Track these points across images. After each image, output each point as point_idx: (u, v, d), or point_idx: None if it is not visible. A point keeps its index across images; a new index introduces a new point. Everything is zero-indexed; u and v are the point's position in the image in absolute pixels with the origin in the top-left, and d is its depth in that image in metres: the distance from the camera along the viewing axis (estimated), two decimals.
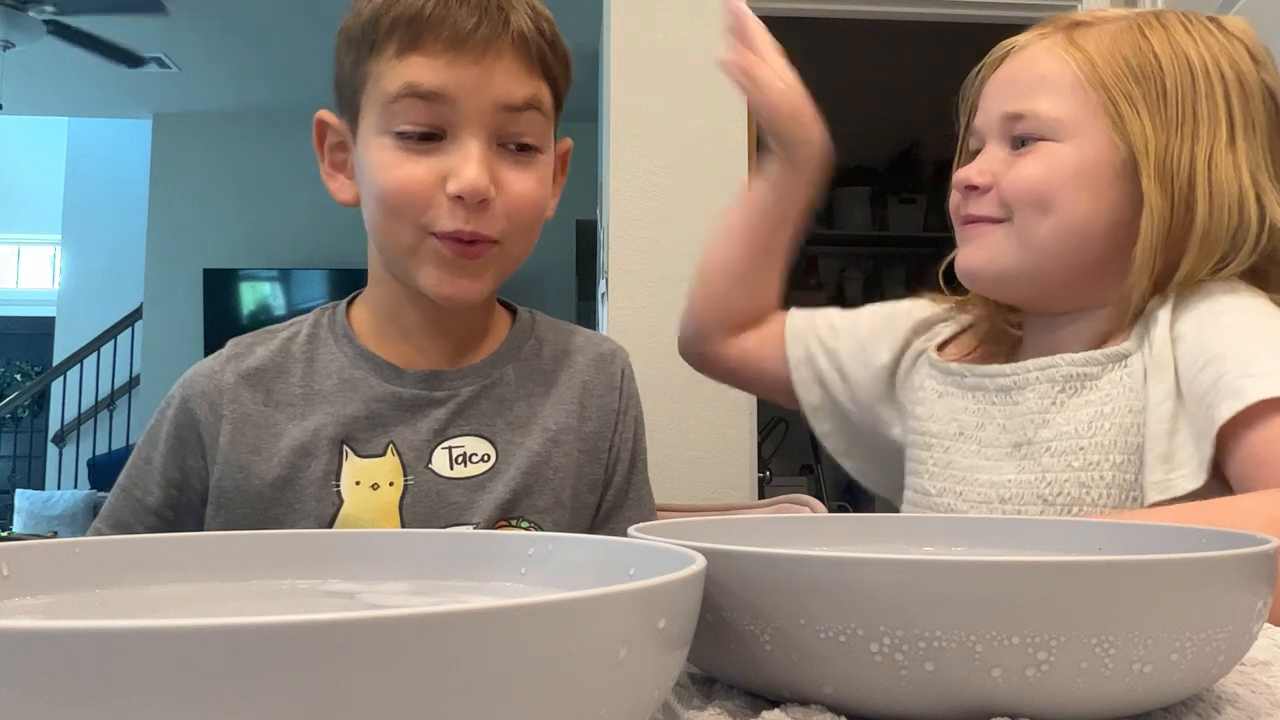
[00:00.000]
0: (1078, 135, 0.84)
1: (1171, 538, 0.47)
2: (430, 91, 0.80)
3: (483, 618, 0.24)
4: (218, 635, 0.22)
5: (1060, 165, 0.84)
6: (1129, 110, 0.83)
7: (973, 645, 0.33)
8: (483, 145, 0.81)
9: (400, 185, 0.81)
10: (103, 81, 5.60)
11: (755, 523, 0.58)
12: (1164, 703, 0.37)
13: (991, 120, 0.89)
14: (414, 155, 0.81)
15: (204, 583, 0.42)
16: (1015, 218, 0.86)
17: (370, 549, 0.45)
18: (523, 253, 0.88)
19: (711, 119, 2.19)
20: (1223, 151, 0.82)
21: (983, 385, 0.90)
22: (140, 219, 6.27)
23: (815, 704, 0.36)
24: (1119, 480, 0.78)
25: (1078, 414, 0.81)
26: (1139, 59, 0.84)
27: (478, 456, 0.87)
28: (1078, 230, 0.84)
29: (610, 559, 0.40)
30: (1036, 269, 0.86)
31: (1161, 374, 0.78)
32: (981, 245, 0.88)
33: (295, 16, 4.76)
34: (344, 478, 0.85)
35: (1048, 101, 0.85)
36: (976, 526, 0.56)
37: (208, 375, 0.88)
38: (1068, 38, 0.87)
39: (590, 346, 0.97)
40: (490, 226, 0.82)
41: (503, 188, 0.82)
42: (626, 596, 0.28)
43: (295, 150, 6.18)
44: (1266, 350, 0.73)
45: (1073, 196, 0.84)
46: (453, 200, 0.80)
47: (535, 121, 0.84)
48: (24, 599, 0.38)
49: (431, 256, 0.82)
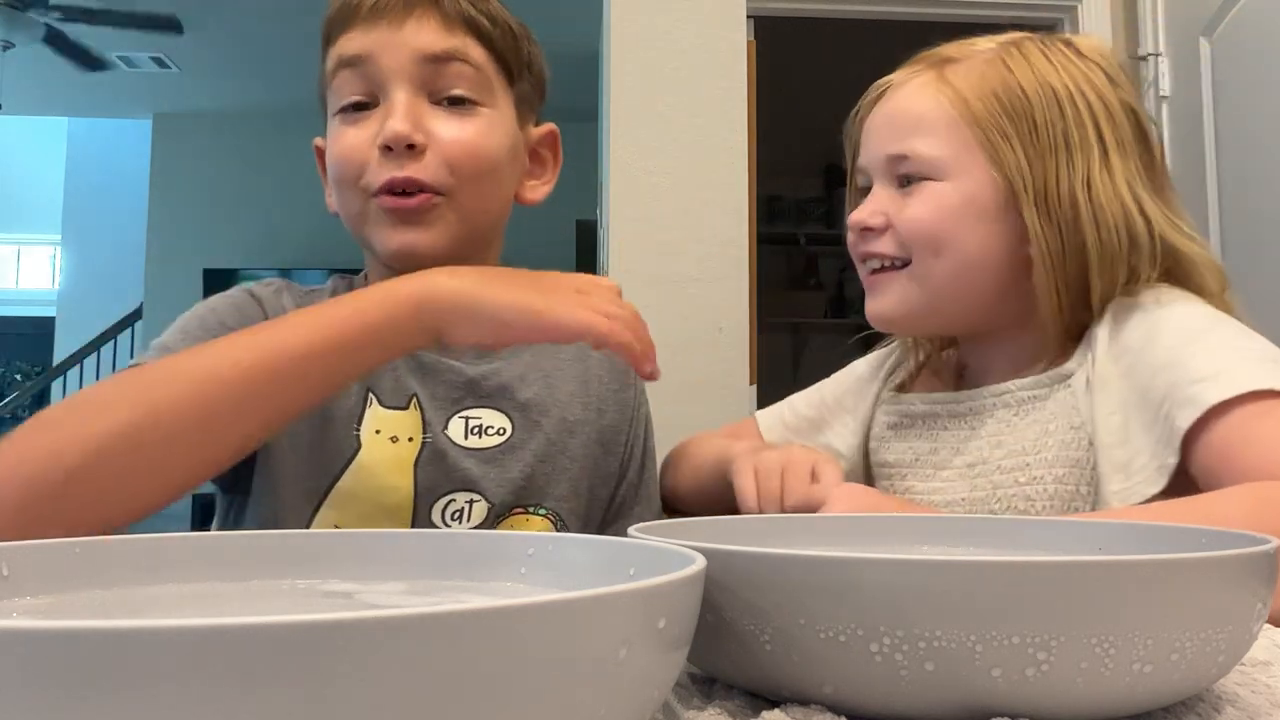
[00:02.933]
0: (959, 173, 0.87)
1: (1171, 538, 0.47)
2: (353, 56, 0.84)
3: (483, 618, 0.24)
4: (218, 635, 0.22)
5: (945, 205, 0.87)
6: (1004, 145, 0.86)
7: (973, 645, 0.33)
8: (407, 97, 0.83)
9: (342, 151, 0.84)
10: (103, 81, 5.60)
11: (755, 523, 0.58)
12: (1164, 703, 0.37)
13: (876, 161, 0.91)
14: (352, 125, 0.85)
15: (204, 583, 0.42)
16: (914, 260, 0.88)
17: (369, 549, 0.45)
18: (479, 210, 0.87)
19: (711, 119, 2.19)
20: (1099, 174, 0.85)
21: (934, 412, 0.93)
22: (140, 219, 6.27)
23: (815, 704, 0.36)
24: (1060, 492, 0.81)
25: (1026, 433, 0.85)
26: (1007, 93, 0.87)
27: (494, 429, 0.87)
28: (973, 265, 0.87)
29: (610, 559, 0.40)
30: (942, 307, 0.89)
31: (1106, 387, 0.81)
32: (887, 293, 0.91)
33: (295, 17, 4.76)
34: (365, 424, 0.85)
35: (926, 142, 0.88)
36: (976, 526, 0.56)
37: (273, 292, 0.89)
38: (939, 75, 0.90)
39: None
40: (425, 173, 0.82)
41: (435, 136, 0.83)
42: (626, 596, 0.28)
43: (295, 150, 6.18)
44: (1213, 353, 0.76)
45: (962, 234, 0.87)
46: (383, 152, 0.82)
47: (464, 74, 0.85)
48: (24, 599, 0.38)
49: (378, 218, 0.84)
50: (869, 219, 0.90)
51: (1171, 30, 2.18)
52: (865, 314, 0.94)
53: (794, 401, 1.08)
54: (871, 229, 0.90)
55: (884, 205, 0.90)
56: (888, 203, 0.90)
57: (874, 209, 0.91)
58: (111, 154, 6.74)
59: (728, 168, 2.18)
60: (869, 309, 0.93)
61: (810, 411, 1.05)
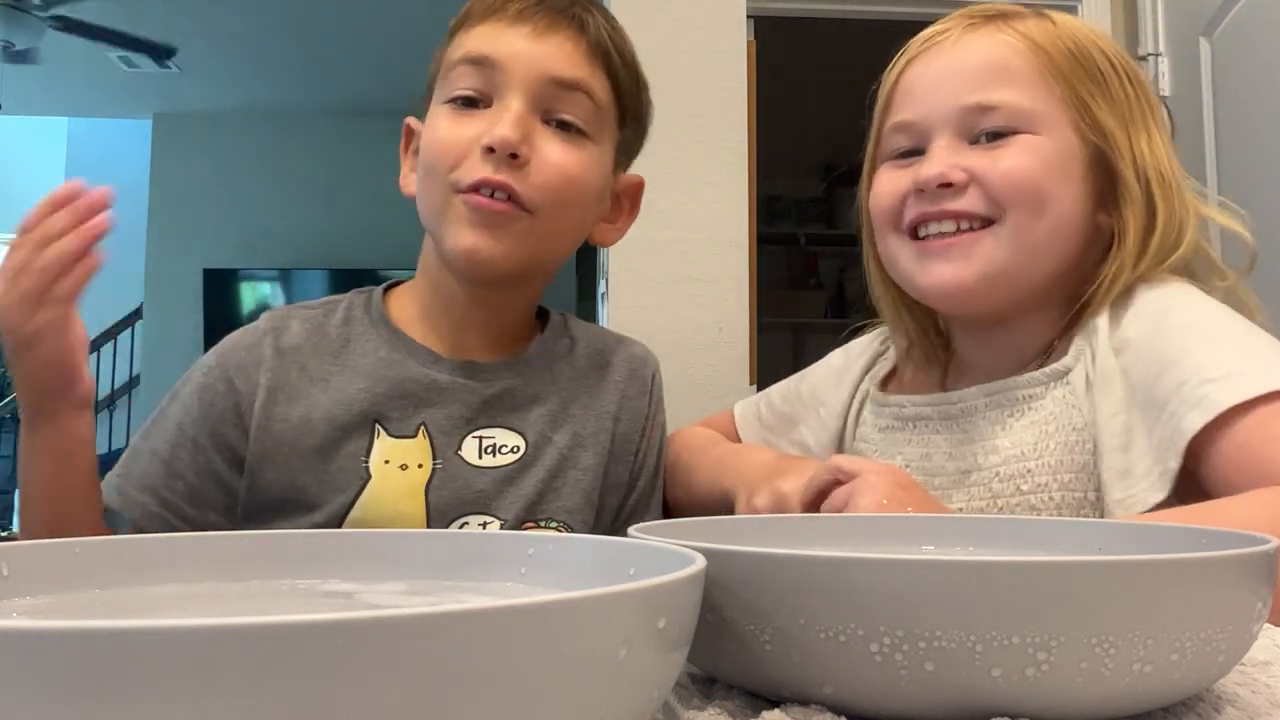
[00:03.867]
0: (1052, 127, 0.81)
1: (1171, 538, 0.47)
2: (482, 56, 0.84)
3: (483, 618, 0.24)
4: (218, 635, 0.22)
5: (1045, 158, 0.80)
6: (1093, 102, 0.81)
7: (973, 645, 0.33)
8: (523, 107, 0.83)
9: (440, 141, 0.84)
10: (103, 81, 5.60)
11: (755, 523, 0.58)
12: (1164, 703, 0.37)
13: (944, 113, 0.82)
14: (460, 117, 0.84)
15: (204, 583, 0.42)
16: (1008, 217, 0.80)
17: (369, 549, 0.45)
18: (555, 237, 0.87)
19: (711, 119, 2.18)
20: (1160, 142, 0.83)
21: (924, 415, 0.88)
22: (140, 219, 6.26)
23: (815, 704, 0.36)
24: (1068, 500, 0.77)
25: (1023, 436, 0.80)
26: (1080, 53, 0.82)
27: (507, 448, 0.88)
28: (1068, 226, 0.81)
29: (610, 559, 0.40)
30: (1031, 271, 0.82)
31: (1108, 387, 0.76)
32: (971, 257, 0.81)
33: (295, 17, 4.76)
34: (374, 455, 0.85)
35: (1014, 92, 0.81)
36: (977, 526, 0.56)
37: (246, 348, 0.89)
38: (1010, 27, 0.83)
39: (623, 349, 0.98)
40: (520, 183, 0.82)
41: (537, 151, 0.83)
42: (626, 596, 0.28)
43: (295, 150, 6.20)
44: (1222, 351, 0.72)
45: (1061, 191, 0.81)
46: (484, 152, 0.82)
47: (583, 105, 0.86)
48: (24, 599, 0.38)
49: (459, 214, 0.83)
50: (950, 173, 0.80)
51: (1171, 30, 2.17)
52: (924, 284, 0.83)
53: (771, 395, 1.04)
54: (951, 184, 0.80)
55: (961, 159, 0.81)
56: (966, 157, 0.81)
57: (951, 163, 0.81)
58: (111, 154, 6.73)
59: (728, 168, 2.18)
60: (940, 276, 0.82)
61: (786, 407, 1.01)
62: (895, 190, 0.85)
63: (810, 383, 1.01)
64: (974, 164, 0.81)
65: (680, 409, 1.12)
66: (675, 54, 2.23)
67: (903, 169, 0.85)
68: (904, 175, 0.84)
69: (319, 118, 6.03)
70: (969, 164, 0.81)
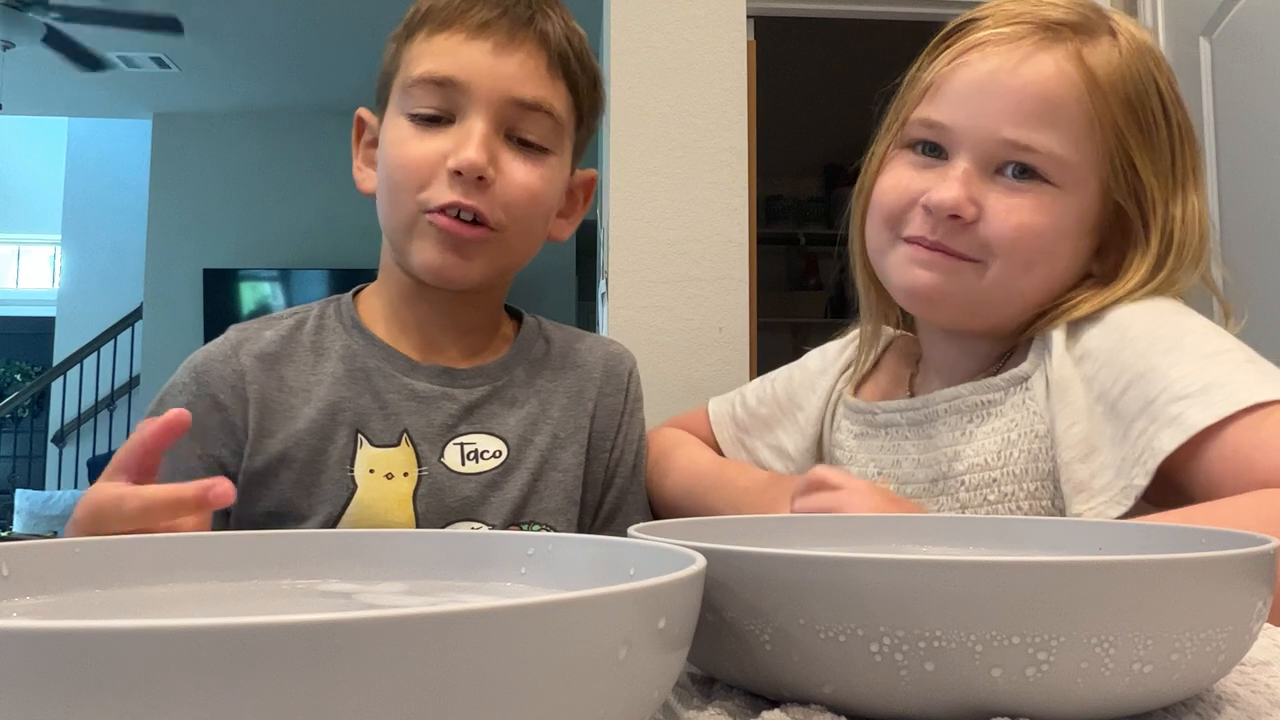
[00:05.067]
0: (1079, 184, 0.78)
1: (1171, 538, 0.47)
2: (444, 77, 0.83)
3: (482, 618, 0.24)
4: (218, 635, 0.22)
5: (1058, 218, 0.78)
6: (1137, 156, 0.78)
7: (973, 645, 0.33)
8: (487, 128, 0.83)
9: (405, 160, 0.84)
10: (103, 81, 5.60)
11: (755, 523, 0.58)
12: (1164, 703, 0.37)
13: (981, 135, 0.78)
14: (423, 134, 0.84)
15: (204, 583, 0.42)
16: (996, 264, 0.78)
17: (368, 549, 0.45)
18: (521, 249, 0.88)
19: (711, 119, 2.18)
20: (1194, 205, 0.80)
21: (894, 421, 0.87)
22: (140, 219, 6.27)
23: (815, 704, 0.36)
24: (1034, 508, 0.76)
25: (986, 443, 0.79)
26: (1137, 95, 0.78)
27: (489, 453, 0.88)
28: (1057, 280, 0.80)
29: (610, 559, 0.40)
30: (1003, 309, 0.81)
31: (1065, 395, 0.75)
32: (948, 274, 0.79)
33: (295, 17, 4.76)
34: (358, 465, 0.85)
35: (1057, 139, 0.77)
36: (976, 526, 0.56)
37: (222, 360, 0.87)
38: (1078, 54, 0.78)
39: (598, 347, 0.98)
40: (487, 206, 0.83)
41: (502, 172, 0.84)
42: (626, 596, 0.28)
43: (295, 150, 6.20)
44: (1190, 364, 0.70)
45: (1062, 249, 0.79)
46: (451, 175, 0.82)
47: (544, 124, 0.86)
48: (24, 599, 0.38)
49: (426, 233, 0.83)
50: (963, 207, 0.77)
51: (1171, 30, 2.18)
52: (901, 283, 0.82)
53: (745, 394, 1.03)
54: (959, 217, 0.78)
55: (978, 192, 0.78)
56: (984, 190, 0.78)
57: (968, 195, 0.77)
58: (111, 154, 6.73)
59: (728, 168, 2.18)
60: (918, 280, 0.80)
61: (762, 409, 1.00)
62: (905, 193, 0.82)
63: (785, 385, 1.00)
64: (989, 204, 0.78)
65: (680, 409, 1.12)
66: (675, 54, 2.23)
67: (918, 170, 0.82)
68: (917, 179, 0.82)
69: (319, 118, 6.02)
70: (985, 201, 0.78)
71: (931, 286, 0.80)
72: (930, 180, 0.80)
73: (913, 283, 0.81)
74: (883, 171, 0.86)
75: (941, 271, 0.80)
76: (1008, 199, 0.78)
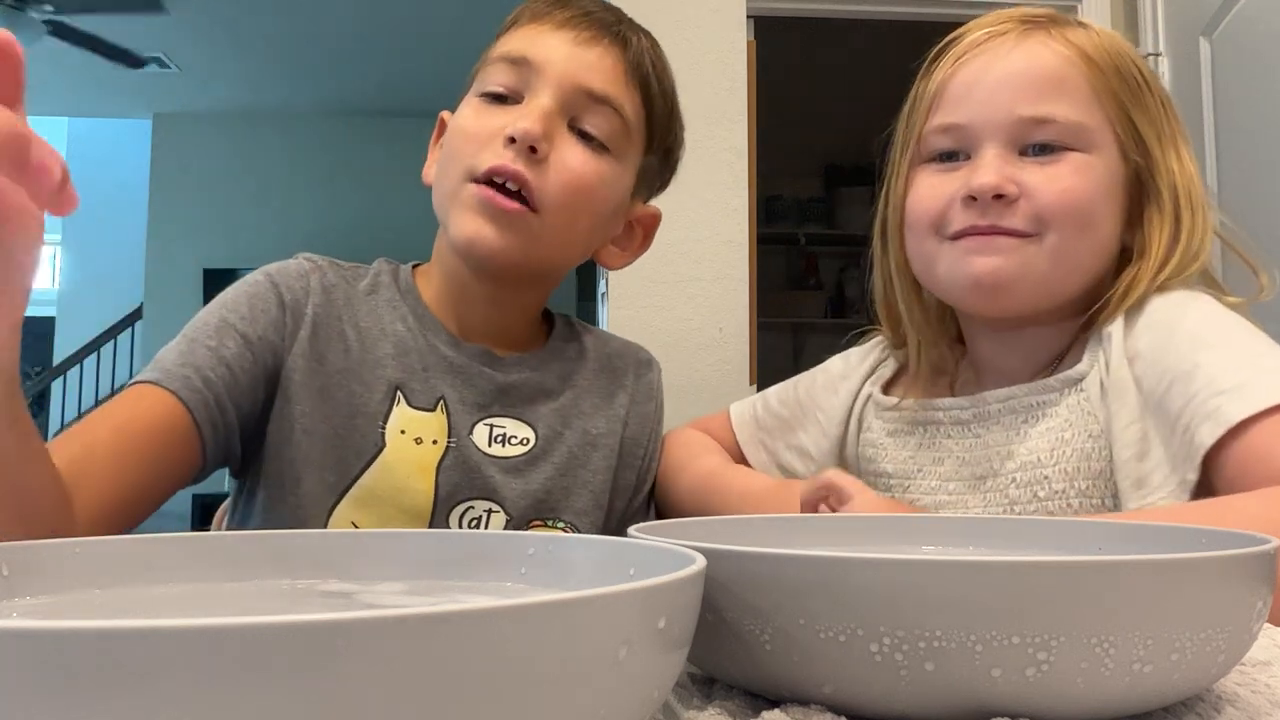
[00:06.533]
0: (1100, 146, 0.81)
1: (1171, 538, 0.47)
2: (519, 55, 0.85)
3: (483, 618, 0.24)
4: (218, 635, 0.22)
5: (1096, 179, 0.80)
6: (1136, 118, 0.82)
7: (973, 645, 0.33)
8: (552, 106, 0.83)
9: (465, 130, 0.85)
10: (103, 81, 5.60)
11: (755, 523, 0.58)
12: (1164, 703, 0.37)
13: (998, 121, 0.81)
14: (488, 110, 0.85)
15: (204, 583, 0.42)
16: (1052, 234, 0.80)
17: (369, 549, 0.45)
18: (555, 242, 0.86)
19: (711, 119, 2.18)
20: (1187, 158, 0.83)
21: (935, 419, 0.87)
22: (140, 219, 6.27)
23: (815, 704, 0.36)
24: (1085, 507, 0.77)
25: (1039, 442, 0.80)
26: (1121, 64, 0.82)
27: (517, 439, 0.88)
28: (1107, 246, 0.82)
29: (610, 559, 0.40)
30: (1064, 285, 0.82)
31: (1123, 395, 0.76)
32: (1009, 255, 0.80)
33: (295, 17, 4.76)
34: (391, 423, 0.85)
35: (1068, 107, 0.80)
36: (976, 526, 0.56)
37: (296, 275, 0.88)
38: (1061, 36, 0.83)
39: (629, 353, 0.99)
40: (535, 177, 0.82)
41: (557, 151, 0.83)
42: (626, 596, 0.28)
43: (295, 150, 6.20)
44: (1231, 362, 0.72)
45: (1105, 211, 0.81)
46: (505, 142, 0.82)
47: (610, 120, 0.86)
48: (24, 599, 0.38)
49: (467, 202, 0.83)
50: (1005, 185, 0.79)
51: (1171, 30, 2.18)
52: (965, 276, 0.82)
53: (768, 396, 1.03)
54: (1004, 196, 0.79)
55: (1013, 171, 0.80)
56: (1018, 169, 0.80)
57: (1006, 174, 0.80)
58: (111, 154, 6.74)
59: (728, 168, 2.18)
60: (982, 267, 0.80)
61: (784, 410, 1.01)
62: (940, 195, 0.83)
63: (808, 388, 1.01)
64: (1026, 179, 0.80)
65: (680, 409, 1.12)
66: (675, 54, 2.23)
67: (946, 173, 0.84)
68: (949, 180, 0.83)
69: (319, 118, 6.03)
70: (1021, 178, 0.80)
71: (994, 270, 0.80)
72: (960, 178, 0.82)
73: (974, 272, 0.81)
74: (909, 190, 0.87)
75: (1000, 252, 0.80)
76: (1044, 170, 0.80)
